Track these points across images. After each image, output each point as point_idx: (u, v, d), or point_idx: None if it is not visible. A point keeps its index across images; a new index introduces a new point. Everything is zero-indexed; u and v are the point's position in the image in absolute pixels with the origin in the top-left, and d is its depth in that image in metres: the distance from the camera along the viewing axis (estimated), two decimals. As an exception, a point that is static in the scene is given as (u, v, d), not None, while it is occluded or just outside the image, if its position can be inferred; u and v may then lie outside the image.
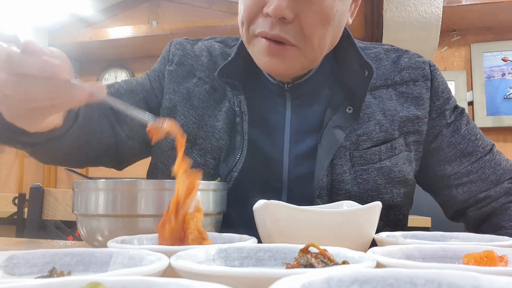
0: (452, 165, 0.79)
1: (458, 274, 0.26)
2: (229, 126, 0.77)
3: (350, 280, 0.26)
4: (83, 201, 0.62)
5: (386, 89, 0.79)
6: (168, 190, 0.60)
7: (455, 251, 0.42)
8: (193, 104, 0.80)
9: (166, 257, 0.35)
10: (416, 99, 0.79)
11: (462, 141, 0.80)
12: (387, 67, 0.81)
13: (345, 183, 0.73)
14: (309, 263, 0.36)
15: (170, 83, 0.83)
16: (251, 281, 0.29)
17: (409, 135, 0.78)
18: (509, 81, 2.68)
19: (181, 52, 0.86)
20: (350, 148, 0.74)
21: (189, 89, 0.81)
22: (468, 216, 0.80)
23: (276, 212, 0.52)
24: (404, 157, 0.77)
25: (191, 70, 0.83)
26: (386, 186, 0.75)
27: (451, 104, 0.82)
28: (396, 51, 0.84)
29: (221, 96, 0.79)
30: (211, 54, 0.84)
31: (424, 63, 0.82)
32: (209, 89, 0.80)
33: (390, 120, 0.76)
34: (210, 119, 0.78)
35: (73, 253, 0.41)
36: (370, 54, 0.82)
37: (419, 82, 0.80)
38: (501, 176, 0.79)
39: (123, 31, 3.08)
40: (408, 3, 2.33)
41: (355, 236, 0.53)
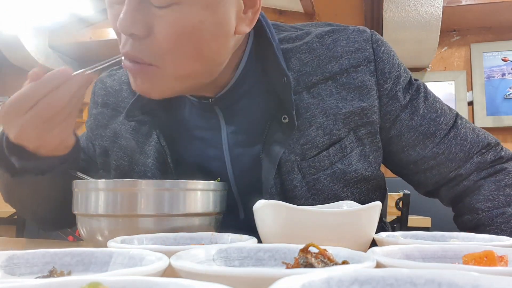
0: (416, 149, 0.74)
1: (458, 274, 0.26)
2: (159, 160, 0.73)
3: (350, 280, 0.26)
4: (83, 201, 0.62)
5: (325, 84, 0.71)
6: (168, 190, 0.60)
7: (455, 251, 0.42)
8: (121, 145, 0.77)
9: (166, 257, 0.35)
10: (359, 88, 0.71)
11: (423, 122, 0.74)
12: (322, 57, 0.71)
13: (299, 198, 0.69)
14: (309, 263, 0.36)
15: (97, 128, 0.81)
16: (251, 281, 0.29)
17: (359, 129, 0.71)
18: (509, 81, 2.68)
19: (103, 91, 0.82)
20: (296, 160, 0.69)
21: (115, 130, 0.78)
22: (441, 195, 0.79)
23: (276, 212, 0.52)
24: (358, 154, 0.71)
25: (115, 107, 0.79)
26: (344, 190, 0.71)
27: (402, 82, 0.74)
28: (331, 33, 0.73)
29: (148, 129, 0.75)
30: (130, 86, 0.74)
31: (365, 41, 0.73)
32: (134, 125, 0.76)
33: (333, 120, 0.70)
34: (141, 157, 0.74)
35: (73, 253, 0.41)
36: (301, 46, 0.72)
37: (361, 67, 0.71)
38: (469, 151, 0.74)
39: (123, 31, 3.08)
40: (408, 3, 2.33)
41: (355, 236, 0.53)
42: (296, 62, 0.72)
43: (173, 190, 0.60)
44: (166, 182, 0.61)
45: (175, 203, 0.60)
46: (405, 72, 0.77)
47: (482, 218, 0.70)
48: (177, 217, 0.60)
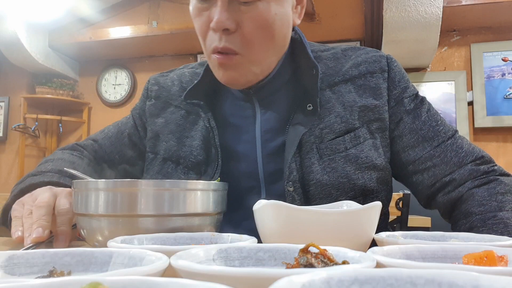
0: (415, 150, 0.82)
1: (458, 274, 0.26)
2: (204, 142, 0.85)
3: (350, 280, 0.26)
4: (83, 201, 0.62)
5: (345, 84, 0.84)
6: (168, 190, 0.60)
7: (455, 251, 0.43)
8: (171, 129, 0.90)
9: (166, 257, 0.35)
10: (373, 89, 0.83)
11: (423, 127, 0.83)
12: (345, 64, 0.86)
13: (315, 173, 0.78)
14: (309, 263, 0.36)
15: (150, 116, 0.94)
16: (251, 281, 0.29)
17: (372, 123, 0.82)
18: (509, 81, 2.68)
19: (156, 87, 0.96)
20: (315, 141, 0.79)
21: (166, 118, 0.92)
22: (438, 202, 0.83)
23: (276, 212, 0.52)
24: (370, 144, 0.80)
25: (166, 100, 0.94)
26: (356, 172, 0.78)
27: (409, 92, 0.85)
28: (354, 49, 0.89)
29: (195, 118, 0.89)
30: (181, 82, 0.94)
31: (381, 56, 0.87)
32: (184, 114, 0.90)
33: (350, 111, 0.81)
34: (188, 140, 0.87)
35: (73, 253, 0.41)
36: (327, 55, 0.88)
37: (376, 73, 0.84)
38: (463, 158, 0.81)
39: (123, 31, 3.08)
40: (408, 3, 2.33)
41: (355, 236, 0.53)
42: (323, 66, 0.86)
43: (173, 190, 0.60)
44: (166, 182, 0.61)
45: (175, 203, 0.60)
46: (413, 87, 0.88)
47: (475, 221, 0.73)
48: (177, 217, 0.60)
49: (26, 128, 3.33)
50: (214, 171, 0.82)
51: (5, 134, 3.50)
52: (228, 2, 0.72)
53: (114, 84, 3.48)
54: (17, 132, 3.36)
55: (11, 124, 3.43)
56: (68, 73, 3.48)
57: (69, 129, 3.49)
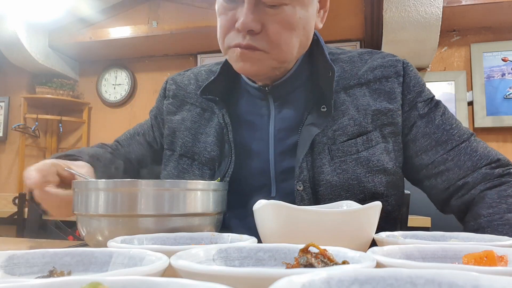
0: (428, 154, 0.82)
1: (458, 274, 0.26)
2: (218, 139, 0.86)
3: (350, 280, 0.26)
4: (83, 201, 0.62)
5: (360, 88, 0.84)
6: (168, 190, 0.60)
7: (455, 251, 0.42)
8: (187, 126, 0.92)
9: (166, 257, 0.35)
10: (388, 94, 0.83)
11: (437, 131, 0.82)
12: (361, 68, 0.86)
13: (325, 174, 0.78)
14: (309, 263, 0.36)
15: (168, 114, 0.97)
16: (251, 281, 0.29)
17: (385, 127, 0.82)
18: (509, 81, 2.68)
19: (174, 86, 0.99)
20: (327, 143, 0.80)
21: (183, 116, 0.94)
22: (452, 206, 0.82)
23: (276, 212, 0.52)
24: (382, 148, 0.81)
25: (183, 99, 0.96)
26: (366, 175, 0.78)
27: (423, 97, 0.85)
28: (370, 53, 0.90)
29: (210, 115, 0.90)
30: (197, 80, 0.96)
31: (397, 61, 0.87)
32: (199, 111, 0.92)
33: (363, 114, 0.81)
34: (203, 136, 0.89)
35: (73, 253, 0.41)
36: (344, 58, 0.88)
37: (392, 78, 0.84)
38: (477, 162, 0.80)
39: (123, 31, 3.08)
40: (408, 3, 2.33)
41: (355, 236, 0.53)
42: (339, 69, 0.86)
43: (173, 190, 0.60)
44: (166, 182, 0.61)
45: (175, 203, 0.60)
46: (428, 91, 0.87)
47: (483, 223, 0.73)
48: (177, 217, 0.60)
49: (26, 128, 3.33)
50: (228, 166, 0.82)
51: (5, 134, 3.50)
52: (254, 3, 0.73)
53: (114, 84, 3.48)
54: (17, 132, 3.36)
55: (11, 124, 3.43)
56: (68, 73, 3.47)
57: (69, 129, 3.49)
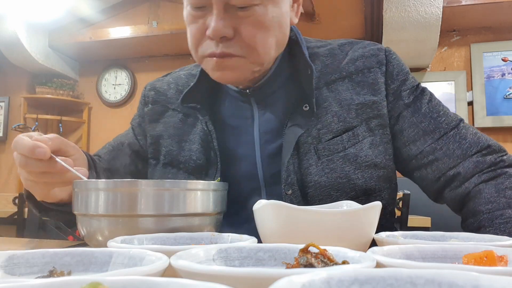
0: (416, 144, 0.80)
1: (458, 274, 0.26)
2: (203, 146, 0.84)
3: (350, 280, 0.26)
4: (83, 201, 0.62)
5: (342, 81, 0.82)
6: (168, 190, 0.60)
7: (455, 251, 0.42)
8: (170, 134, 0.89)
9: (166, 257, 0.35)
10: (371, 85, 0.81)
11: (424, 120, 0.80)
12: (341, 61, 0.83)
13: (313, 175, 0.77)
14: (309, 263, 0.36)
15: (149, 122, 0.93)
16: (251, 281, 0.29)
17: (371, 120, 0.80)
18: (509, 81, 2.68)
19: (153, 92, 0.95)
20: (313, 142, 0.78)
21: (165, 122, 0.91)
22: (446, 198, 0.81)
23: (276, 212, 0.52)
24: (369, 142, 0.79)
25: (164, 105, 0.92)
26: (356, 172, 0.77)
27: (408, 85, 0.83)
28: (351, 43, 0.87)
29: (193, 120, 0.87)
30: (177, 85, 0.93)
31: (379, 49, 0.84)
32: (182, 117, 0.89)
33: (347, 110, 0.79)
34: (187, 144, 0.86)
35: (73, 253, 0.41)
36: (324, 51, 0.85)
37: (374, 68, 0.82)
38: (467, 150, 0.77)
39: (123, 31, 3.08)
40: (408, 3, 2.33)
41: (355, 236, 0.53)
42: (319, 63, 0.84)
43: (173, 190, 0.60)
44: (166, 182, 0.61)
45: (175, 203, 0.60)
46: (413, 79, 0.85)
47: (483, 220, 0.71)
48: (177, 217, 0.60)
49: (26, 128, 3.33)
50: (214, 174, 0.81)
51: (5, 134, 3.50)
52: (224, 8, 0.70)
53: (114, 84, 3.48)
54: (17, 132, 3.36)
55: (11, 124, 3.43)
56: (68, 73, 3.48)
57: (69, 129, 3.49)
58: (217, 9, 0.70)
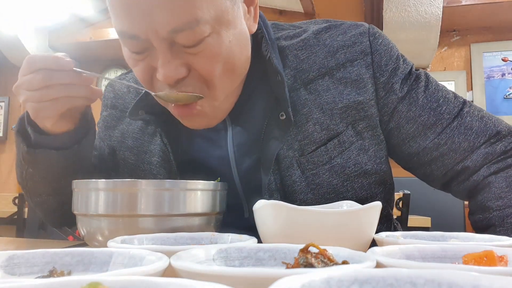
0: (417, 141, 0.72)
1: (458, 274, 0.26)
2: (164, 158, 0.75)
3: (350, 280, 0.26)
4: (83, 201, 0.62)
5: (322, 79, 0.71)
6: (168, 190, 0.60)
7: (455, 251, 0.42)
8: (128, 145, 0.79)
9: (166, 257, 0.35)
10: (355, 82, 0.71)
11: (422, 113, 0.72)
12: (319, 53, 0.72)
13: (298, 193, 0.70)
14: (309, 263, 0.36)
15: (106, 129, 0.83)
16: (251, 281, 0.29)
17: (358, 123, 0.71)
18: (509, 81, 2.68)
19: (112, 94, 0.86)
20: (294, 156, 0.70)
21: (123, 131, 0.81)
22: (453, 190, 0.76)
23: (276, 212, 0.52)
24: (357, 148, 0.71)
25: (123, 109, 0.82)
26: (344, 184, 0.70)
27: (399, 75, 0.73)
28: (328, 29, 0.75)
29: (154, 129, 0.77)
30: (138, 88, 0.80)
31: (361, 34, 0.73)
32: (141, 125, 0.79)
33: (329, 115, 0.70)
34: (147, 156, 0.77)
35: (73, 253, 0.41)
36: (298, 44, 0.74)
37: (357, 60, 0.71)
38: (474, 141, 0.71)
39: (123, 31, 3.07)
40: (408, 3, 2.33)
41: (355, 236, 0.53)
42: (293, 59, 0.72)
43: (173, 190, 0.60)
44: (166, 182, 0.61)
45: (175, 203, 0.60)
46: (405, 64, 0.75)
47: (493, 218, 0.68)
48: (177, 217, 0.60)
49: (26, 128, 3.33)
50: None
51: (5, 134, 3.50)
52: (169, 49, 0.59)
53: (114, 84, 3.47)
54: (17, 132, 3.36)
55: (11, 124, 3.42)
56: (68, 73, 3.47)
57: (69, 129, 3.49)
58: (162, 53, 0.59)
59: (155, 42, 0.59)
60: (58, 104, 0.64)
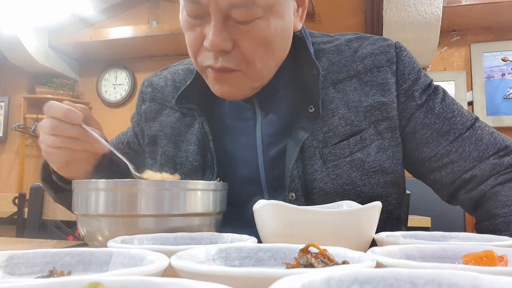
0: (430, 146, 0.77)
1: (458, 274, 0.26)
2: (200, 147, 0.81)
3: (350, 280, 0.26)
4: (83, 201, 0.62)
5: (350, 81, 0.78)
6: (168, 190, 0.60)
7: (455, 251, 0.42)
8: (166, 134, 0.85)
9: (166, 257, 0.35)
10: (381, 85, 0.77)
11: (437, 121, 0.77)
12: (349, 58, 0.79)
13: (318, 181, 0.74)
14: (309, 263, 0.36)
15: (146, 121, 0.90)
16: (251, 281, 0.29)
17: (380, 123, 0.76)
18: (509, 81, 2.68)
19: (150, 89, 0.92)
20: (318, 146, 0.75)
21: (162, 122, 0.87)
22: (460, 200, 0.78)
23: (276, 212, 0.52)
24: (377, 146, 0.75)
25: (161, 102, 0.89)
26: (362, 178, 0.74)
27: (420, 84, 0.79)
28: (359, 39, 0.82)
29: (191, 119, 0.84)
30: (175, 81, 0.89)
31: (389, 46, 0.80)
32: (179, 116, 0.85)
33: (354, 112, 0.76)
34: (184, 144, 0.83)
35: (73, 253, 0.41)
36: (331, 48, 0.81)
37: (384, 67, 0.78)
38: (484, 151, 0.74)
39: (123, 31, 3.08)
40: (408, 3, 2.33)
41: (355, 236, 0.53)
42: (325, 61, 0.80)
43: (173, 190, 0.60)
44: (166, 182, 0.61)
45: (175, 203, 0.60)
46: (425, 77, 0.81)
47: (499, 224, 0.69)
48: (177, 217, 0.60)
49: (26, 128, 3.33)
50: (210, 177, 0.78)
51: (5, 134, 3.49)
52: (223, 21, 0.66)
53: (114, 84, 3.48)
54: (17, 132, 3.36)
55: (11, 124, 3.42)
56: (68, 73, 3.47)
57: (69, 129, 3.48)
58: (216, 21, 0.65)
59: (212, 10, 0.65)
60: (62, 153, 0.69)
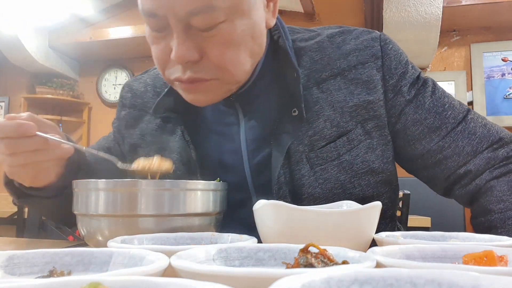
0: (422, 143, 0.75)
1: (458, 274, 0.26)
2: (182, 155, 0.78)
3: (350, 280, 0.26)
4: (83, 201, 0.62)
5: (334, 79, 0.74)
6: (168, 190, 0.60)
7: (455, 251, 0.42)
8: (147, 142, 0.82)
9: (166, 257, 0.35)
10: (366, 83, 0.74)
11: (428, 116, 0.74)
12: (332, 55, 0.76)
13: (307, 187, 0.72)
14: (309, 263, 0.36)
15: (126, 128, 0.87)
16: (251, 281, 0.29)
17: (367, 122, 0.74)
18: (509, 81, 2.68)
19: (130, 94, 0.88)
20: (304, 150, 0.72)
21: (142, 129, 0.84)
22: (455, 195, 0.77)
23: (276, 212, 0.52)
24: (365, 146, 0.73)
25: (142, 108, 0.85)
26: (352, 181, 0.72)
27: (408, 78, 0.76)
28: (342, 33, 0.78)
29: (172, 127, 0.80)
30: (155, 87, 0.86)
31: (373, 39, 0.76)
32: (159, 123, 0.82)
33: (340, 113, 0.73)
34: (166, 153, 0.79)
35: (73, 253, 0.41)
36: (312, 46, 0.77)
37: (368, 63, 0.75)
38: (477, 145, 0.73)
39: (123, 31, 3.08)
40: (408, 3, 2.33)
41: (355, 236, 0.53)
42: (307, 60, 0.76)
43: (173, 190, 0.60)
44: (166, 182, 0.61)
45: (175, 203, 0.60)
46: (413, 69, 0.78)
47: (495, 220, 0.69)
48: (177, 217, 0.60)
49: (26, 128, 3.32)
50: None
51: (5, 134, 3.49)
52: (184, 31, 0.63)
53: (114, 84, 3.48)
54: (17, 132, 3.36)
55: (11, 124, 3.42)
56: (68, 73, 3.48)
57: (69, 129, 3.49)
58: (178, 32, 0.63)
59: (172, 21, 0.62)
60: (28, 169, 0.65)
